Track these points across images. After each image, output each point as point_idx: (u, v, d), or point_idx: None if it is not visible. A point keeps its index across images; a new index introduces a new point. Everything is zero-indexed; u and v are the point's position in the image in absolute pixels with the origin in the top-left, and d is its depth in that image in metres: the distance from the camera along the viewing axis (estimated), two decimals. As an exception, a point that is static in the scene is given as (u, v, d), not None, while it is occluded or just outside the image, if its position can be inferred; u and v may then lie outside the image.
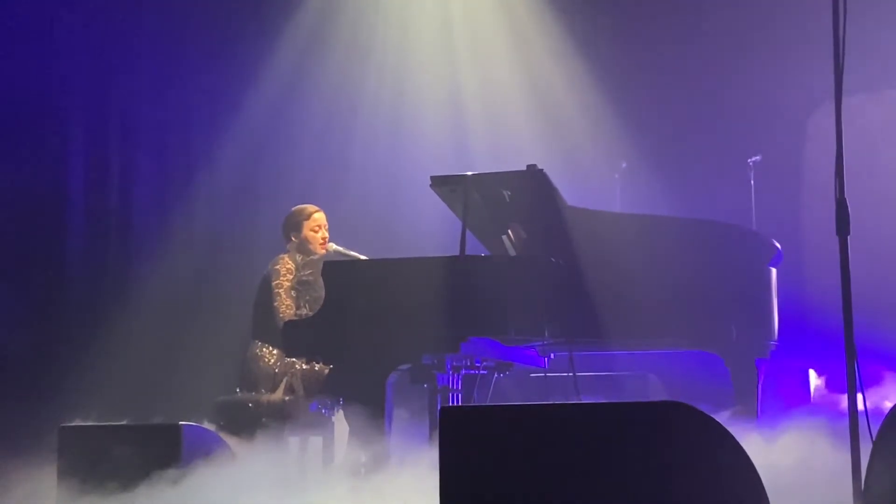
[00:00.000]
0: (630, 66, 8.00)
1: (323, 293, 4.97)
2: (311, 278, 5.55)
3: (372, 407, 4.65)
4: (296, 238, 5.69)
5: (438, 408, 4.66)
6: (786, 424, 4.66)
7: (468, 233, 4.92)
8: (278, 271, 5.55)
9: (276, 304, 5.48)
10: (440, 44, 8.17)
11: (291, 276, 5.55)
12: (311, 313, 5.33)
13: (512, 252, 5.38)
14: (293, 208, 5.78)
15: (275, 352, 5.45)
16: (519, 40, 8.14)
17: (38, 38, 6.76)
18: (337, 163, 7.87)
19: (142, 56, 7.41)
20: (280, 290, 5.50)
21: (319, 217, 5.73)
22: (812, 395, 6.65)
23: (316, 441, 5.35)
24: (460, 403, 4.93)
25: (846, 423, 3.22)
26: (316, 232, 5.69)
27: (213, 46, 7.60)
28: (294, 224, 5.71)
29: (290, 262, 5.60)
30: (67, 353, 6.65)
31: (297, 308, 5.50)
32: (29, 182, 6.66)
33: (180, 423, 4.34)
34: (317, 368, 5.35)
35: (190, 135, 7.65)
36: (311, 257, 5.65)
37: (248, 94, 7.69)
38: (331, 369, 5.20)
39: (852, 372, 3.20)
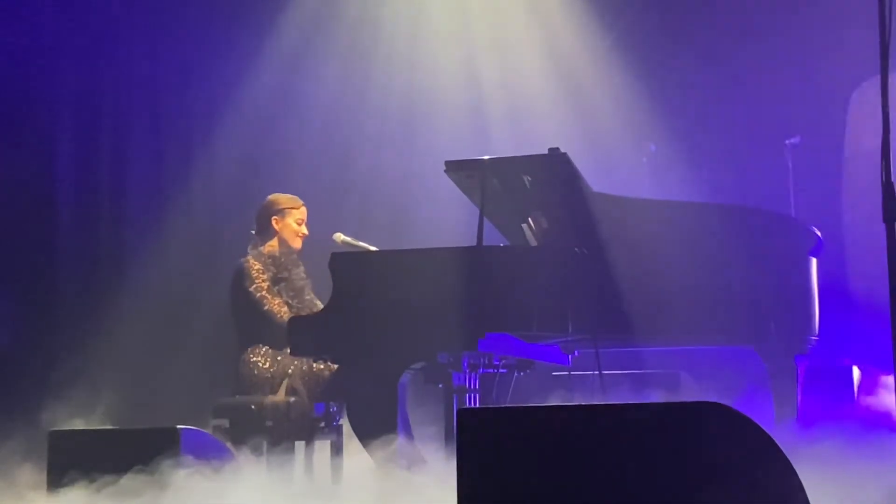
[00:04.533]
0: (658, 41, 7.95)
1: (302, 283, 5.09)
2: (285, 274, 5.53)
3: (383, 409, 4.64)
4: (277, 224, 5.63)
5: (455, 409, 4.64)
6: (828, 426, 4.63)
7: (486, 222, 4.91)
8: (249, 275, 5.50)
9: (265, 308, 5.44)
10: (457, 21, 8.12)
11: (264, 275, 5.50)
12: (300, 304, 5.39)
13: (533, 242, 5.36)
14: (274, 195, 5.73)
15: (265, 350, 5.40)
16: (540, 17, 8.09)
17: (20, 12, 6.75)
18: (345, 146, 7.83)
19: (134, 34, 7.39)
20: (263, 294, 5.45)
21: (304, 211, 5.70)
22: (856, 395, 6.60)
23: (324, 446, 5.33)
24: (478, 404, 4.91)
25: (892, 422, 3.19)
26: (299, 225, 5.66)
27: (212, 23, 7.57)
28: (277, 210, 5.65)
29: (255, 262, 5.54)
30: (58, 354, 6.65)
31: (288, 306, 5.48)
32: (12, 171, 6.66)
33: (178, 426, 4.33)
34: (315, 370, 5.33)
35: (187, 120, 7.63)
36: (279, 252, 5.60)
37: (250, 75, 7.66)
38: (334, 369, 5.19)
39: (901, 370, 3.17)
